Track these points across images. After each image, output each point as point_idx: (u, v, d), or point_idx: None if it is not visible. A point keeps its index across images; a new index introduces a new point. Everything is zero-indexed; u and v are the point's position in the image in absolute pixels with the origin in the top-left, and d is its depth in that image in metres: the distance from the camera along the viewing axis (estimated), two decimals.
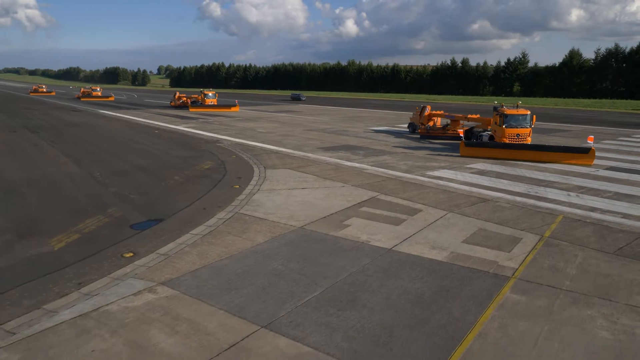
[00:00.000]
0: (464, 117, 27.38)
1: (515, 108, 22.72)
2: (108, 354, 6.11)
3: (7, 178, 16.67)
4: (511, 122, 21.98)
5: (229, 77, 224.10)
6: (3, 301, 7.57)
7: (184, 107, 55.22)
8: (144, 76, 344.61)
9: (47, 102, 72.52)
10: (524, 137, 22.06)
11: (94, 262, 9.21)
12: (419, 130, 29.94)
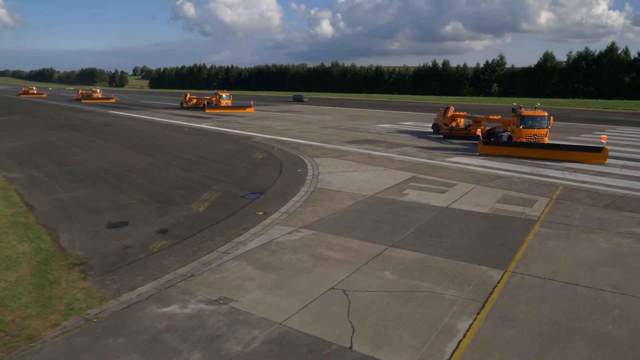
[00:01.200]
0: (485, 118, 28.09)
1: (532, 109, 23.83)
2: (301, 260, 9.69)
3: (104, 167, 19.82)
4: (528, 122, 23.06)
5: (210, 78, 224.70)
6: (202, 237, 11.04)
7: (196, 108, 57.32)
8: (122, 77, 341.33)
9: (50, 103, 73.92)
10: (541, 138, 22.99)
11: (239, 218, 12.71)
12: (442, 130, 30.58)
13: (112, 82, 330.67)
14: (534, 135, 23.00)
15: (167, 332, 6.87)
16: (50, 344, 6.60)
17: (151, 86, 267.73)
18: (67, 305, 7.70)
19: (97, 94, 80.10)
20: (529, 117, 23.13)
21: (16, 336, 6.77)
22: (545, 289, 8.28)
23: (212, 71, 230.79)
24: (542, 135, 23.08)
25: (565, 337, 6.73)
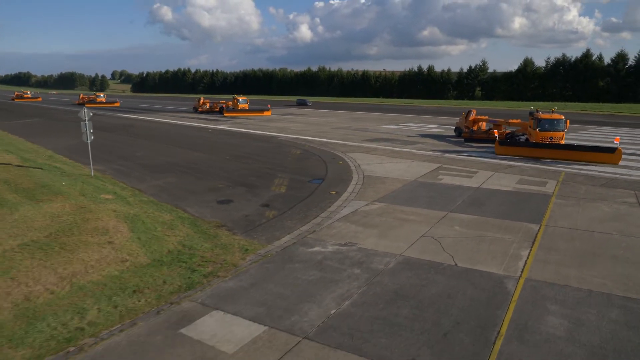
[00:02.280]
0: (505, 121, 28.67)
1: (549, 113, 24.57)
2: (388, 221, 12.91)
3: (169, 162, 22.65)
4: (545, 125, 23.78)
5: (195, 82, 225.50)
6: (301, 209, 14.15)
7: (211, 112, 58.67)
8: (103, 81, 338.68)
9: (55, 108, 75.17)
10: (557, 140, 23.63)
11: (318, 195, 15.85)
12: (463, 134, 31.08)
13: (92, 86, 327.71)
14: (550, 138, 23.71)
15: (326, 260, 10.01)
16: (249, 269, 9.66)
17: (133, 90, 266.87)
18: (241, 248, 10.76)
19: (100, 99, 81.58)
20: (545, 120, 23.93)
21: (223, 264, 9.82)
22: (572, 234, 11.71)
23: (196, 75, 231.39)
24: (558, 137, 23.79)
25: (592, 257, 10.13)
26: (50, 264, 9.29)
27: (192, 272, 9.30)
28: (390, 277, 9.11)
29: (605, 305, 7.94)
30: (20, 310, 7.62)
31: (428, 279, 9.01)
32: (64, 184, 16.36)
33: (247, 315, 7.57)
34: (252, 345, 6.73)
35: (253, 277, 9.12)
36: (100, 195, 15.12)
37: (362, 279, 9.01)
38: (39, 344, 6.70)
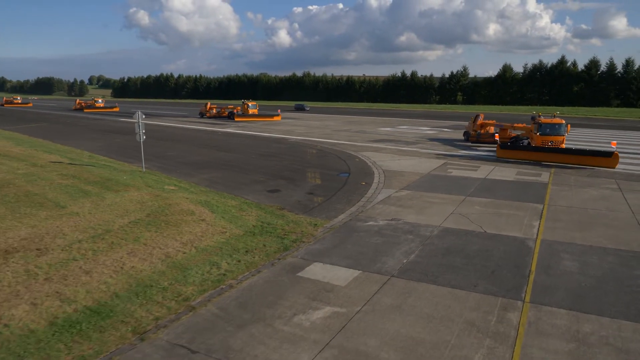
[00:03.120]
0: (511, 126, 29.67)
1: (551, 118, 25.40)
2: (419, 203, 15.55)
3: (203, 160, 24.89)
4: (545, 130, 24.52)
5: (178, 87, 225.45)
6: (342, 196, 16.69)
7: (219, 117, 59.45)
8: (82, 87, 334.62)
9: (54, 114, 75.74)
10: (557, 145, 24.23)
11: (352, 185, 18.41)
12: (470, 137, 32.27)
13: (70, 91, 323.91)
14: (550, 142, 24.36)
15: (382, 230, 12.57)
16: (325, 237, 12.14)
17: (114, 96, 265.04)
18: (310, 223, 13.23)
19: (99, 104, 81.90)
20: (546, 125, 24.69)
21: (302, 234, 12.28)
22: (570, 210, 14.56)
23: (179, 80, 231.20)
24: (559, 142, 24.47)
25: (589, 225, 12.95)
26: (166, 235, 11.62)
27: (282, 239, 11.75)
28: (437, 239, 11.73)
29: (603, 254, 10.72)
30: (169, 263, 9.96)
31: (467, 240, 11.66)
32: (126, 178, 18.54)
33: (341, 265, 10.07)
34: (355, 280, 9.25)
35: (331, 242, 11.61)
36: (164, 186, 17.38)
37: (416, 241, 11.61)
38: (199, 283, 9.08)
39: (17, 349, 6.69)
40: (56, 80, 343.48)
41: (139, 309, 7.95)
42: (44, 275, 9.10)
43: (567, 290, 8.77)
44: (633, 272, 9.60)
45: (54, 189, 16.08)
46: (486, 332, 7.26)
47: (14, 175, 18.37)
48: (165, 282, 8.99)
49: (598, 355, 6.64)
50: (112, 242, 10.95)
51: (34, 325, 7.30)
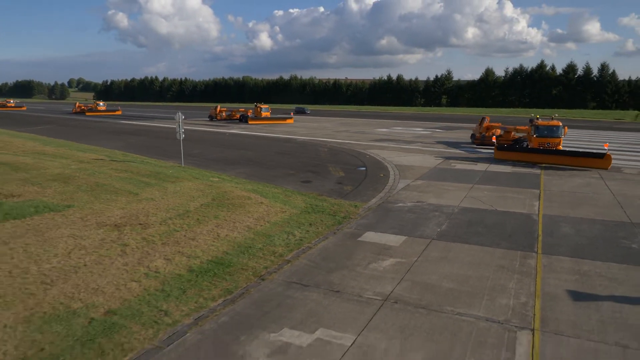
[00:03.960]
0: (514, 128, 30.22)
1: (548, 120, 26.12)
2: (435, 189, 18.25)
3: (229, 157, 27.21)
4: (542, 132, 25.19)
5: (164, 90, 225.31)
6: (367, 185, 19.31)
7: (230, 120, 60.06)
8: (62, 90, 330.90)
9: (55, 117, 76.49)
10: (554, 147, 24.77)
11: (372, 177, 21.03)
12: (475, 140, 33.10)
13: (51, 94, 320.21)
14: (547, 143, 24.87)
15: (412, 210, 15.21)
16: (367, 214, 14.71)
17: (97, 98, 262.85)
18: (350, 205, 15.79)
19: (101, 107, 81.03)
20: (542, 127, 25.38)
21: (348, 213, 14.82)
22: (562, 194, 17.43)
23: (165, 83, 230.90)
24: (556, 144, 24.97)
25: (578, 204, 15.80)
26: (238, 213, 14.03)
27: (333, 216, 14.28)
28: (459, 215, 14.43)
29: (592, 223, 13.55)
30: (254, 232, 12.40)
31: (484, 216, 14.39)
32: (172, 172, 20.82)
33: (389, 232, 12.65)
34: (405, 242, 11.83)
35: (374, 218, 14.19)
36: (209, 178, 19.73)
37: (443, 217, 14.28)
38: (284, 245, 11.54)
39: (177, 284, 9.08)
40: (36, 83, 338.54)
41: (249, 261, 10.40)
42: (160, 241, 11.45)
43: (567, 246, 11.53)
44: (616, 234, 12.43)
45: (118, 180, 18.30)
46: (513, 271, 9.93)
47: (70, 170, 20.47)
48: (259, 245, 11.44)
49: (595, 281, 9.36)
50: (197, 219, 13.33)
51: (178, 271, 9.69)
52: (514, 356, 6.73)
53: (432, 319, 7.85)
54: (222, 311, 8.11)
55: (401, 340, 7.18)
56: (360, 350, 6.89)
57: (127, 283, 9.04)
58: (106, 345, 6.95)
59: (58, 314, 7.77)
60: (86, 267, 9.72)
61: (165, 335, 7.32)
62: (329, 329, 7.48)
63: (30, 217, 12.98)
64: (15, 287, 8.73)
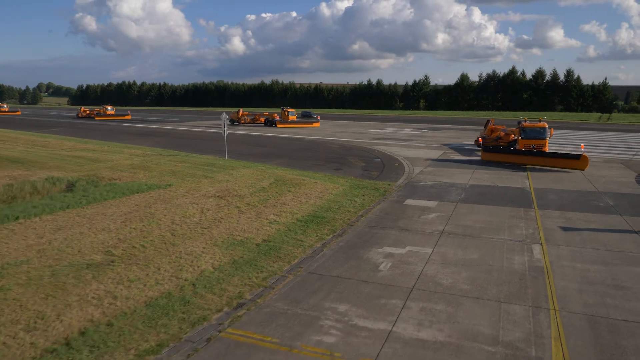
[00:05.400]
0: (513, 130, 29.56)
1: (535, 122, 26.92)
2: (446, 173, 22.71)
3: (259, 152, 31.05)
4: (528, 134, 25.91)
5: (142, 95, 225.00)
6: (388, 172, 23.63)
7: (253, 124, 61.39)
8: (35, 94, 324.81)
9: (62, 122, 78.03)
10: (540, 148, 25.33)
11: (389, 166, 25.36)
12: (476, 140, 33.65)
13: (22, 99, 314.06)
14: (532, 145, 25.54)
15: (433, 186, 19.58)
16: (400, 189, 18.97)
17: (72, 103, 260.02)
18: (384, 184, 20.02)
19: (110, 111, 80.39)
20: (528, 130, 26.19)
21: (385, 189, 19.05)
22: (545, 175, 22.11)
23: (143, 88, 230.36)
24: (541, 145, 25.51)
25: (559, 181, 20.48)
26: (302, 190, 18.07)
27: (376, 190, 18.48)
28: (471, 189, 18.87)
29: (570, 192, 18.18)
30: (325, 200, 16.47)
31: (489, 189, 18.86)
32: (221, 163, 24.61)
33: (424, 199, 16.94)
34: (439, 205, 16.14)
35: (406, 192, 18.47)
36: (258, 167, 23.64)
37: (459, 190, 18.68)
38: (353, 207, 15.66)
39: (297, 227, 13.09)
40: (6, 88, 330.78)
41: (335, 215, 14.49)
42: (261, 205, 15.41)
43: (554, 204, 16.07)
44: (587, 198, 17.08)
45: (185, 168, 22.03)
46: (520, 218, 14.35)
47: (137, 161, 24.03)
48: (335, 207, 15.54)
49: (576, 222, 13.85)
50: (276, 192, 17.33)
51: (290, 221, 13.70)
52: (532, 255, 11.06)
53: (476, 240, 12.16)
54: (336, 240, 12.19)
55: (461, 249, 11.45)
56: (438, 255, 11.10)
57: (261, 227, 13.02)
58: (277, 256, 10.93)
59: (232, 242, 11.70)
60: (223, 220, 13.62)
61: (310, 251, 11.36)
62: (413, 246, 11.68)
63: (147, 192, 16.70)
64: (185, 229, 12.58)
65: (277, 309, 8.22)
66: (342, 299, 8.61)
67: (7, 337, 7.04)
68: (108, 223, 12.89)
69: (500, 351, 6.85)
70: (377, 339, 7.18)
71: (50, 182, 17.10)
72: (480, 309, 8.20)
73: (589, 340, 7.18)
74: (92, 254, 10.55)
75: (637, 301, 8.50)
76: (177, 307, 8.17)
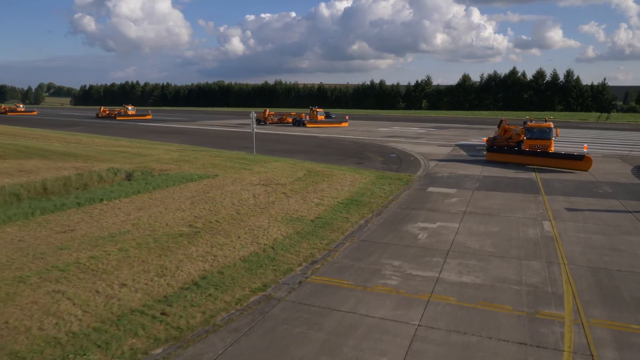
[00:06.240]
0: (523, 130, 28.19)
1: (541, 122, 26.86)
2: (459, 166, 24.94)
3: (290, 149, 33.29)
4: (533, 134, 25.91)
5: (145, 95, 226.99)
6: (407, 165, 25.85)
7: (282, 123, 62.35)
8: (37, 94, 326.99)
9: (81, 122, 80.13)
10: (545, 148, 25.12)
11: (406, 160, 27.58)
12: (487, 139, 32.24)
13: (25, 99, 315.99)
14: (537, 146, 25.40)
15: (450, 177, 21.79)
16: (420, 179, 21.18)
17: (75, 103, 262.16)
18: (406, 175, 22.22)
19: (131, 111, 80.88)
20: (533, 129, 26.18)
21: (407, 179, 21.27)
22: (556, 173, 24.36)
23: (146, 88, 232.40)
24: (546, 145, 25.36)
25: (564, 173, 22.78)
26: (334, 179, 20.27)
27: (400, 180, 20.69)
28: (484, 179, 21.10)
29: (572, 182, 20.36)
30: (358, 188, 18.65)
31: (501, 179, 21.08)
32: (252, 157, 26.82)
33: (444, 187, 19.14)
34: (457, 192, 18.34)
35: (427, 181, 20.69)
36: (288, 160, 25.83)
37: (474, 180, 20.90)
38: (383, 193, 17.86)
39: (340, 208, 15.29)
40: (9, 88, 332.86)
41: (369, 199, 16.70)
42: (303, 191, 17.61)
43: (559, 191, 18.29)
44: (588, 186, 19.30)
45: (222, 161, 24.22)
46: (531, 201, 16.57)
47: (176, 155, 26.24)
48: (368, 193, 17.75)
49: (578, 204, 16.07)
50: (312, 181, 19.54)
51: (333, 204, 15.89)
52: (543, 228, 13.26)
53: (495, 218, 14.37)
54: (376, 218, 14.40)
55: (483, 224, 13.66)
56: (465, 228, 13.31)
57: (310, 208, 15.22)
58: (331, 229, 13.13)
59: (290, 219, 13.90)
60: (275, 202, 15.83)
61: (357, 226, 13.57)
62: (442, 222, 13.89)
63: (199, 181, 18.90)
64: (246, 209, 14.78)
65: (345, 264, 10.43)
66: (394, 258, 10.82)
67: (147, 280, 9.25)
68: (179, 204, 15.10)
69: (524, 289, 9.06)
70: (429, 282, 9.39)
71: (112, 172, 19.28)
72: (506, 264, 10.41)
73: (592, 282, 9.40)
74: (179, 227, 12.75)
75: (629, 258, 10.71)
76: (267, 262, 10.38)
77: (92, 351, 6.74)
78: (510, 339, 7.18)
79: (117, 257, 10.36)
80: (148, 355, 6.74)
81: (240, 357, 6.73)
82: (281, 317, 7.94)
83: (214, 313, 8.01)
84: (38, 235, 11.86)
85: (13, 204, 14.62)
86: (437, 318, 7.87)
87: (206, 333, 7.37)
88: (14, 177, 17.77)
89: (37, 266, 9.70)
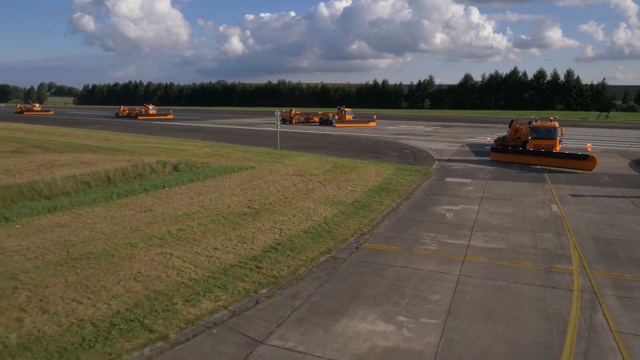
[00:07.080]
0: None
1: (546, 122, 26.95)
2: (469, 160, 27.13)
3: (299, 144, 35.44)
4: (538, 134, 25.89)
5: (149, 94, 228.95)
6: (422, 159, 28.01)
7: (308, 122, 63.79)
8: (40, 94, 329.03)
9: (98, 120, 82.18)
10: (550, 148, 25.11)
11: (420, 155, 29.73)
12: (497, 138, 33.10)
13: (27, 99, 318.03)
14: (542, 146, 25.36)
15: (463, 169, 23.90)
16: (437, 171, 23.32)
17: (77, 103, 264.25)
18: (423, 168, 24.37)
19: (152, 111, 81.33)
20: (537, 129, 26.15)
21: (425, 171, 23.39)
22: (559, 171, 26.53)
23: (150, 88, 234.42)
24: (551, 145, 25.22)
25: None
26: (359, 172, 22.39)
27: (419, 172, 22.83)
28: (495, 170, 23.25)
29: (577, 173, 22.55)
30: (384, 178, 20.78)
31: (510, 171, 23.22)
32: (278, 152, 28.96)
33: (460, 177, 21.30)
34: (472, 181, 20.49)
35: (443, 173, 22.83)
36: (312, 155, 27.95)
37: (485, 171, 23.05)
38: (406, 183, 20.01)
39: (373, 194, 17.43)
40: (11, 88, 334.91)
41: (396, 187, 18.84)
42: (336, 180, 19.75)
43: (564, 181, 20.43)
44: (590, 177, 21.43)
45: (252, 155, 26.35)
46: (539, 189, 18.72)
47: (204, 151, 28.35)
48: (393, 182, 19.90)
49: (582, 191, 18.22)
50: (340, 172, 21.68)
51: (365, 191, 18.04)
52: (551, 209, 15.42)
53: (509, 202, 16.53)
54: (405, 202, 16.54)
55: (499, 207, 15.81)
56: (484, 209, 15.46)
57: (346, 194, 17.37)
58: (369, 209, 15.25)
59: (332, 202, 16.04)
60: (314, 189, 17.98)
61: (390, 208, 15.71)
62: (464, 205, 16.04)
63: (240, 172, 21.04)
64: (291, 194, 16.91)
65: (389, 235, 12.58)
66: (429, 230, 12.97)
67: (232, 246, 11.39)
68: (231, 190, 17.24)
69: (539, 252, 11.21)
70: (462, 248, 11.54)
71: (161, 164, 21.41)
72: (522, 235, 12.57)
73: (594, 247, 11.55)
74: (239, 208, 14.90)
75: (625, 231, 12.86)
76: (325, 234, 12.52)
77: (215, 291, 8.87)
78: (533, 283, 9.34)
79: (199, 229, 12.49)
80: (257, 294, 8.87)
81: (329, 294, 8.87)
82: (350, 270, 10.08)
83: (296, 267, 10.15)
84: (124, 214, 14.00)
85: (87, 190, 16.75)
86: (473, 270, 10.02)
87: (296, 280, 9.51)
88: (78, 168, 19.91)
89: (138, 235, 11.84)
